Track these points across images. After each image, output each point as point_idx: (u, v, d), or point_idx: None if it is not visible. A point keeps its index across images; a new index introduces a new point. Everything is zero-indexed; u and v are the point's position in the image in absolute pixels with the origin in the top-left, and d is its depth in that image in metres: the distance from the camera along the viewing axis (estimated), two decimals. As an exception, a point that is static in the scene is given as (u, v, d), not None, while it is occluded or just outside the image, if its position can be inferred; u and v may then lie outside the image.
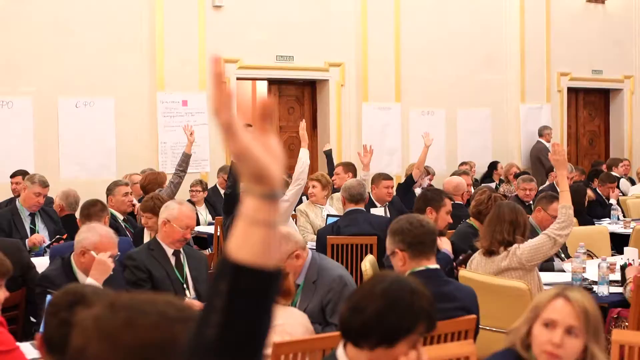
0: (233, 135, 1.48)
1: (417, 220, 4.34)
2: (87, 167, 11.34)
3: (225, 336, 1.46)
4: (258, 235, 1.48)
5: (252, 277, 1.47)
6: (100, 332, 1.65)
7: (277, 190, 1.50)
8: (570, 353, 2.98)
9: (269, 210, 1.49)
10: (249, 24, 12.45)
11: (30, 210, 7.83)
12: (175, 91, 11.85)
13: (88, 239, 5.07)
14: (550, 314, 3.00)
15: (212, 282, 1.51)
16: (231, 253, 1.48)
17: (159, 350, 1.63)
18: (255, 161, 1.48)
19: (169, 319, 1.67)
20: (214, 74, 1.51)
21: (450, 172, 12.88)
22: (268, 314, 1.50)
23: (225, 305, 1.46)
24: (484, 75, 14.59)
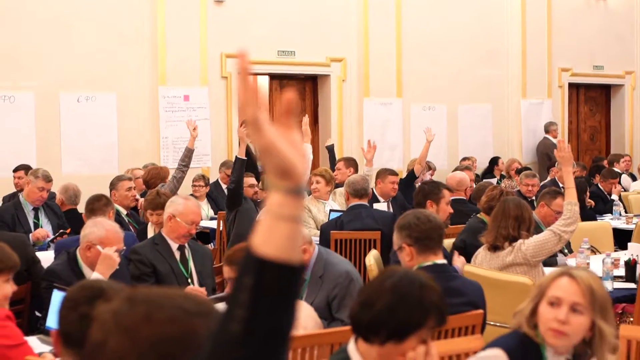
0: (259, 131, 1.48)
1: (424, 215, 4.34)
2: (88, 161, 11.34)
3: (249, 331, 1.47)
4: (283, 230, 1.49)
5: (276, 271, 1.48)
6: (119, 326, 1.65)
7: (301, 186, 1.51)
8: (576, 330, 2.99)
9: (293, 205, 1.50)
10: (250, 19, 12.44)
11: (33, 204, 7.83)
12: (176, 86, 11.85)
13: (94, 234, 5.08)
14: (555, 291, 3.02)
15: (237, 277, 1.52)
16: (256, 248, 1.49)
17: (178, 344, 1.63)
18: (281, 156, 1.49)
19: (187, 312, 1.67)
20: (241, 69, 1.51)
21: (451, 168, 12.89)
22: (292, 309, 1.51)
23: (249, 300, 1.47)
24: (485, 70, 14.59)
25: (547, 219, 7.03)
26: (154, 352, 1.62)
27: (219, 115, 12.29)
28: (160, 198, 6.82)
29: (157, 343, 1.62)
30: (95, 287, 2.66)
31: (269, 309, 1.47)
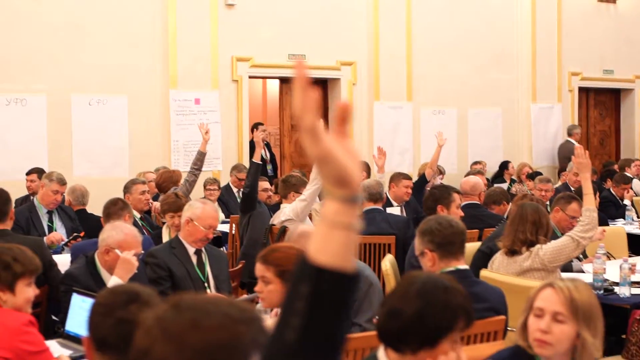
0: (317, 139, 1.48)
1: (447, 220, 4.34)
2: (99, 164, 11.35)
3: (305, 339, 1.47)
4: (339, 238, 1.49)
5: (333, 279, 1.48)
6: (165, 333, 1.64)
7: (358, 194, 1.51)
8: (558, 339, 3.05)
9: (349, 214, 1.50)
10: (261, 23, 12.45)
11: (47, 208, 7.82)
12: (187, 89, 11.86)
13: (112, 237, 5.07)
14: (539, 302, 3.11)
15: (291, 285, 1.51)
16: (312, 255, 1.49)
17: (225, 351, 1.62)
18: (338, 165, 1.48)
19: (233, 319, 1.65)
20: (299, 77, 1.50)
21: (461, 172, 12.90)
22: (347, 317, 1.51)
23: (306, 308, 1.47)
24: (495, 74, 14.58)
25: (562, 223, 7.00)
26: (200, 359, 1.61)
27: (229, 118, 12.29)
28: (180, 200, 6.83)
29: (204, 350, 1.61)
30: (130, 291, 2.66)
31: (324, 317, 1.48)
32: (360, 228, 1.53)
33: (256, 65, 12.50)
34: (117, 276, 4.89)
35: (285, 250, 4.04)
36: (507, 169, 13.91)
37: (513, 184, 12.88)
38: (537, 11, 14.76)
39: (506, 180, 13.53)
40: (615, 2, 15.96)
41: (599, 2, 15.80)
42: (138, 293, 2.61)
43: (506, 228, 5.92)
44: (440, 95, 14.01)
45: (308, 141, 1.48)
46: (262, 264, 3.96)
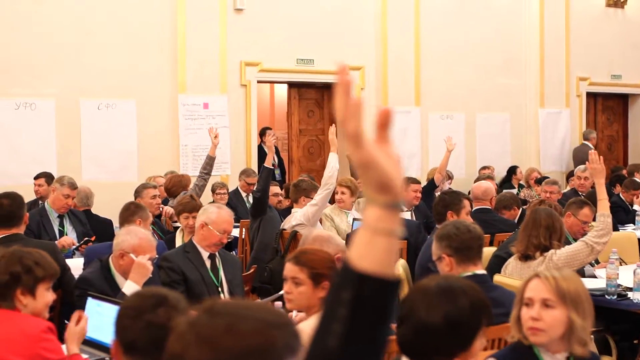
0: (360, 145, 1.47)
1: (464, 225, 4.33)
2: (108, 169, 11.36)
3: (347, 345, 1.47)
4: (381, 245, 1.49)
5: (375, 285, 1.48)
6: (199, 338, 1.63)
7: (400, 200, 1.50)
8: (551, 324, 3.17)
9: (392, 220, 1.50)
10: (269, 27, 12.46)
11: (59, 212, 7.83)
12: (196, 94, 11.86)
13: (127, 242, 5.06)
14: (527, 293, 3.26)
15: (332, 291, 1.51)
16: (353, 262, 1.48)
17: (259, 355, 1.61)
18: (381, 171, 1.48)
19: (267, 324, 1.64)
20: (342, 82, 1.49)
21: (469, 177, 12.90)
22: (388, 323, 1.50)
23: (348, 314, 1.46)
24: (503, 79, 14.57)
25: (574, 228, 6.99)
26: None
27: (238, 123, 12.30)
28: (195, 201, 6.85)
29: (238, 355, 1.60)
30: (158, 295, 2.66)
31: (366, 324, 1.47)
32: (401, 234, 1.52)
33: (265, 70, 12.51)
34: (132, 280, 4.88)
35: (317, 253, 4.03)
36: (515, 174, 13.88)
37: (521, 189, 12.86)
38: (545, 16, 14.75)
39: (514, 186, 13.51)
40: (623, 8, 15.94)
41: (607, 7, 15.78)
42: (166, 296, 2.62)
43: (520, 233, 5.91)
44: (448, 100, 14.00)
45: (351, 147, 1.48)
46: (295, 264, 3.94)
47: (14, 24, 10.89)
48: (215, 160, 9.18)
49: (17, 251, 3.85)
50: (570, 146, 15.27)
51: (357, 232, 1.52)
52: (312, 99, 13.51)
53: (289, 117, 13.53)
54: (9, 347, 3.57)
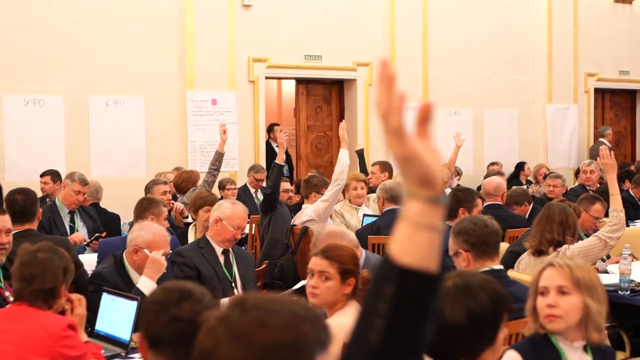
0: (402, 140, 1.46)
1: (481, 220, 4.31)
2: (116, 165, 11.37)
3: (389, 341, 1.46)
4: (423, 239, 1.48)
5: (418, 280, 1.47)
6: (230, 333, 1.62)
7: (442, 194, 1.50)
8: (567, 310, 3.20)
9: (434, 214, 1.49)
10: (277, 24, 12.45)
11: (69, 208, 7.84)
12: (204, 90, 11.86)
13: (141, 237, 5.06)
14: (542, 282, 3.29)
15: (374, 285, 1.50)
16: (395, 256, 1.47)
17: (291, 349, 1.60)
18: (423, 165, 1.48)
19: (298, 317, 1.64)
20: (384, 76, 1.48)
21: (477, 173, 12.89)
22: (431, 318, 1.49)
23: (390, 310, 1.46)
24: (510, 75, 14.55)
25: (585, 224, 6.99)
26: (268, 358, 1.59)
27: (246, 119, 12.29)
28: (213, 195, 6.86)
29: (272, 349, 1.59)
30: (182, 289, 2.65)
31: (408, 319, 1.46)
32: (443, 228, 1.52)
33: (272, 66, 12.50)
34: (146, 276, 4.87)
35: (345, 249, 4.02)
36: (523, 169, 13.87)
37: (530, 185, 12.84)
38: (553, 12, 14.72)
39: (522, 181, 13.49)
40: (631, 3, 15.90)
41: (615, 2, 15.75)
42: (190, 291, 2.61)
43: (533, 228, 5.90)
44: (456, 96, 13.98)
45: (393, 142, 1.47)
46: (325, 259, 3.92)
47: (23, 21, 10.88)
48: (224, 156, 9.17)
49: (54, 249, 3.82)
50: (579, 142, 15.24)
51: (397, 227, 1.51)
52: (320, 95, 13.50)
53: (297, 113, 13.52)
54: (30, 345, 3.54)
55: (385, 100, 1.47)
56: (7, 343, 3.58)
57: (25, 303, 3.69)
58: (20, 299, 3.71)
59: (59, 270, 3.76)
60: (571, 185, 13.25)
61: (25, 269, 3.70)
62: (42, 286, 3.71)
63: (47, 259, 3.75)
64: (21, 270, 3.70)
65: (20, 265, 3.72)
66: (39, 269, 3.70)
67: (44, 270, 3.71)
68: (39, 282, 3.70)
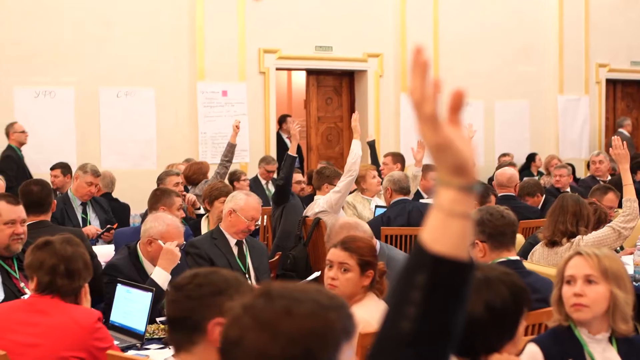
0: (437, 127, 1.45)
1: (498, 211, 4.30)
2: (127, 157, 11.38)
3: (421, 329, 1.46)
4: (456, 227, 1.48)
5: (450, 269, 1.46)
6: (257, 322, 1.61)
7: (475, 182, 1.49)
8: (594, 299, 3.17)
9: (466, 202, 1.49)
10: (288, 15, 12.43)
11: (82, 199, 7.84)
12: (215, 81, 11.85)
13: (155, 228, 5.06)
14: (568, 271, 3.25)
15: (405, 274, 1.49)
16: (428, 245, 1.47)
17: (318, 338, 1.60)
18: (457, 153, 1.47)
19: (323, 306, 1.64)
20: (418, 63, 1.47)
21: (488, 164, 12.86)
22: (463, 307, 1.49)
23: (423, 298, 1.45)
24: (521, 66, 14.49)
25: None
26: (295, 347, 1.58)
27: (256, 110, 12.29)
28: (228, 186, 6.87)
29: (298, 338, 1.59)
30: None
31: (441, 308, 1.46)
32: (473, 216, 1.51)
33: (283, 57, 12.48)
34: (160, 267, 4.88)
35: (365, 241, 4.01)
36: (534, 161, 13.84)
37: (541, 176, 12.80)
38: (564, 2, 14.66)
39: (533, 173, 13.46)
40: (643, -7, 15.82)
41: (627, -8, 15.67)
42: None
43: (546, 219, 5.88)
44: (467, 88, 13.83)
45: (427, 129, 1.46)
46: (344, 250, 3.91)
47: (33, 13, 10.89)
48: (235, 147, 9.15)
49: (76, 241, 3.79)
50: (590, 133, 15.18)
51: (429, 215, 1.50)
52: (331, 86, 13.48)
53: (308, 104, 13.50)
54: (62, 338, 3.50)
55: (419, 87, 1.46)
56: (37, 336, 3.54)
57: (57, 296, 3.63)
58: (48, 292, 3.63)
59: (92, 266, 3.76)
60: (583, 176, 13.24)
61: (70, 264, 3.64)
62: (85, 282, 3.71)
63: (85, 255, 3.73)
64: (65, 265, 3.62)
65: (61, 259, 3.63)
66: (81, 264, 3.68)
67: (86, 266, 3.70)
68: (83, 278, 3.69)
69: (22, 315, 3.62)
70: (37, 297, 3.65)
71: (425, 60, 1.47)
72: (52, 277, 3.62)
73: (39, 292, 3.65)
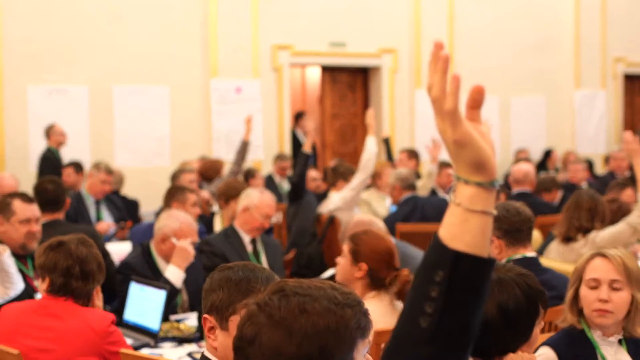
0: (457, 123, 1.43)
1: (514, 207, 4.25)
2: (141, 154, 11.39)
3: (439, 326, 1.45)
4: (475, 224, 1.47)
5: (469, 265, 1.45)
6: (271, 320, 1.62)
7: (495, 179, 1.48)
8: (618, 306, 3.10)
9: (486, 199, 1.48)
10: (301, 10, 12.40)
11: (96, 197, 7.85)
12: (228, 78, 11.83)
13: (168, 226, 5.06)
14: (592, 273, 3.13)
15: (423, 271, 1.47)
16: (447, 242, 1.46)
17: (332, 334, 1.61)
18: (477, 149, 1.46)
19: (338, 303, 1.65)
20: (438, 58, 1.45)
21: (503, 160, 12.81)
22: (481, 304, 1.48)
23: (441, 295, 1.44)
24: (537, 61, 14.38)
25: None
26: (310, 344, 1.59)
27: (270, 107, 12.26)
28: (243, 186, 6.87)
29: (313, 335, 1.60)
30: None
31: (459, 305, 1.45)
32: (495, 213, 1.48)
33: (297, 53, 12.45)
34: (174, 264, 4.88)
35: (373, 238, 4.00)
36: (550, 156, 13.76)
37: (558, 172, 12.73)
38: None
39: (549, 168, 13.38)
40: (661, -15, 15.66)
41: (645, -16, 15.52)
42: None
43: (562, 215, 5.83)
44: (482, 83, 13.67)
45: (447, 125, 1.45)
46: (348, 240, 3.99)
47: (46, 10, 10.91)
48: (249, 145, 9.12)
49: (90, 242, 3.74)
50: (607, 128, 15.07)
51: (448, 212, 1.47)
52: (345, 83, 13.44)
53: (322, 100, 13.47)
54: (75, 343, 3.46)
55: (439, 83, 1.43)
56: (50, 341, 3.50)
57: (70, 299, 3.57)
58: (62, 294, 3.58)
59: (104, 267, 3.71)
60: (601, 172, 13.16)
61: (85, 265, 3.57)
62: (99, 284, 3.65)
63: (99, 256, 3.67)
64: (80, 266, 3.56)
65: (76, 260, 3.57)
66: (95, 266, 3.61)
67: (100, 268, 3.64)
68: (96, 280, 3.63)
69: (36, 319, 3.58)
70: (50, 300, 3.60)
71: (446, 55, 1.45)
72: (67, 278, 3.56)
73: (52, 294, 3.60)
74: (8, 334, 3.61)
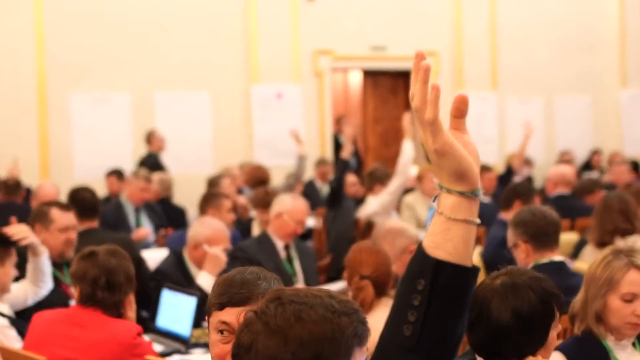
0: (437, 133, 1.44)
1: (540, 211, 4.22)
2: (184, 161, 11.47)
3: (422, 334, 1.46)
4: (457, 233, 1.47)
5: (452, 275, 1.46)
6: (268, 328, 1.63)
7: (478, 189, 1.49)
8: None
9: (468, 208, 1.49)
10: (342, 15, 12.40)
11: (135, 205, 7.93)
12: (269, 84, 11.88)
13: (201, 233, 5.09)
14: (630, 287, 3.04)
15: (407, 279, 1.48)
16: (430, 250, 1.46)
17: (328, 342, 1.60)
18: (458, 159, 1.47)
19: (335, 311, 1.64)
20: (419, 69, 1.46)
21: (548, 162, 12.66)
22: (464, 313, 1.49)
23: (423, 304, 1.46)
24: (582, 60, 14.19)
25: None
26: (306, 352, 1.59)
27: (311, 112, 12.28)
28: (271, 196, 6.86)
29: (308, 343, 1.60)
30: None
31: (442, 313, 1.46)
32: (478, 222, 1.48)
33: (338, 58, 12.45)
34: (206, 271, 4.90)
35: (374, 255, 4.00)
36: (595, 158, 13.58)
37: (602, 173, 12.56)
38: (625, -8, 14.33)
39: (595, 169, 13.20)
40: None
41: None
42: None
43: (592, 221, 5.72)
44: (526, 84, 13.72)
45: (428, 135, 1.45)
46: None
47: (88, 20, 11.05)
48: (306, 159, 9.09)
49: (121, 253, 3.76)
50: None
51: (432, 221, 1.48)
52: (387, 86, 13.41)
53: (364, 105, 13.46)
54: (99, 354, 3.48)
55: (420, 93, 1.44)
56: (76, 351, 3.54)
57: (99, 309, 3.60)
58: (90, 304, 3.61)
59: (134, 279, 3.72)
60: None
61: (112, 276, 3.59)
62: (126, 296, 3.66)
63: (128, 267, 3.69)
64: (107, 277, 3.59)
65: (103, 271, 3.60)
66: (123, 278, 3.63)
67: (128, 279, 3.66)
68: (124, 292, 3.64)
69: (64, 328, 3.62)
70: (79, 309, 3.64)
71: (427, 65, 1.45)
72: (93, 289, 3.59)
73: (82, 303, 3.64)
74: (38, 342, 3.66)
